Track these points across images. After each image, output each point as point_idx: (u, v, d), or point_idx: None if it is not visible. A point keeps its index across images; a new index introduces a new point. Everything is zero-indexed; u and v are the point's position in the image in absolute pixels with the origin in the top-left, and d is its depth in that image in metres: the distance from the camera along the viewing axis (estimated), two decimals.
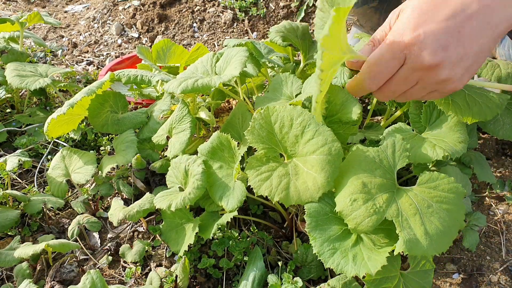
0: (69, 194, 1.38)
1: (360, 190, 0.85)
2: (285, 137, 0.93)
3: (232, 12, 2.34)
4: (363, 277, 0.84)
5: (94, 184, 1.37)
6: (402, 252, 0.80)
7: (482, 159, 1.23)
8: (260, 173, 0.92)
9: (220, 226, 1.01)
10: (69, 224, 1.20)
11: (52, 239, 1.15)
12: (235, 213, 0.99)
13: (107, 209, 1.31)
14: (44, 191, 1.37)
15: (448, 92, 0.79)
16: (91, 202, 1.31)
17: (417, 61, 0.70)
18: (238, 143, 1.14)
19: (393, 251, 0.81)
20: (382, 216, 0.82)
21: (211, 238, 1.00)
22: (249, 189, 1.07)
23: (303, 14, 2.24)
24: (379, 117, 1.45)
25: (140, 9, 2.43)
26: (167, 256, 1.14)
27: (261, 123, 0.94)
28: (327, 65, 0.73)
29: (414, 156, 0.98)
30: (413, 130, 1.10)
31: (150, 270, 1.12)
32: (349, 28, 2.19)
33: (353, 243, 0.86)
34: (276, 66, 1.42)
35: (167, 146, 1.22)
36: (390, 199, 0.85)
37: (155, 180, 1.33)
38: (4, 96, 1.65)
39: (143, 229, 1.24)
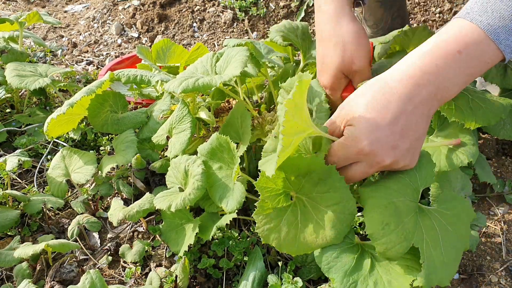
0: (69, 194, 1.38)
1: (392, 213, 0.79)
2: (300, 184, 0.87)
3: (232, 12, 2.34)
4: None
5: (94, 184, 1.37)
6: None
7: (483, 159, 1.23)
8: (269, 221, 0.86)
9: (219, 228, 1.00)
10: (69, 224, 1.20)
11: (52, 239, 1.15)
12: (234, 214, 0.98)
13: (107, 209, 1.31)
14: (44, 191, 1.37)
15: (406, 169, 0.87)
16: (91, 202, 1.31)
17: (373, 163, 0.82)
18: (237, 143, 1.14)
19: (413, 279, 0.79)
20: (410, 243, 0.78)
21: (210, 239, 1.00)
22: (249, 190, 1.07)
23: (303, 14, 2.24)
24: None
25: (140, 9, 2.43)
26: (167, 256, 1.14)
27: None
28: (289, 131, 0.73)
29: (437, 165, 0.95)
30: None
31: (150, 270, 1.12)
32: None
33: (369, 268, 0.83)
34: (276, 66, 1.41)
35: (167, 146, 1.22)
36: (415, 222, 0.81)
37: (155, 180, 1.33)
38: (4, 96, 1.65)
39: (143, 229, 1.23)
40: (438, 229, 0.81)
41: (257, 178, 0.87)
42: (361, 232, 1.10)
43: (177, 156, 1.12)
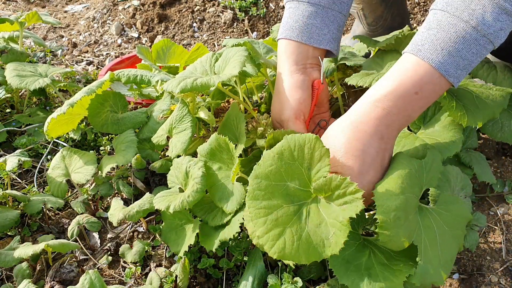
0: (69, 194, 1.38)
1: (404, 208, 0.78)
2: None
3: (232, 12, 2.33)
4: None
5: (94, 184, 1.37)
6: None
7: (482, 159, 1.23)
8: (270, 227, 0.79)
9: (222, 242, 0.98)
10: (69, 224, 1.20)
11: (52, 239, 1.15)
12: (238, 228, 0.96)
13: (107, 209, 1.31)
14: (44, 191, 1.37)
15: None
16: (91, 202, 1.31)
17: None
18: (236, 144, 1.14)
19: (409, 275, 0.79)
20: (411, 240, 0.78)
21: (214, 250, 0.98)
22: None
23: None
24: None
25: (140, 9, 2.43)
26: (167, 256, 1.14)
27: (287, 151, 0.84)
28: None
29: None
30: (408, 129, 1.10)
31: (150, 270, 1.12)
32: (349, 28, 2.19)
33: (366, 258, 0.84)
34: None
35: (167, 146, 1.22)
36: (417, 221, 0.81)
37: (155, 180, 1.33)
38: (4, 96, 1.65)
39: (143, 229, 1.24)
40: (436, 229, 0.82)
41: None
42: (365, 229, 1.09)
43: (179, 156, 1.12)
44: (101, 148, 1.48)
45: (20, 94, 1.77)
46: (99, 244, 1.22)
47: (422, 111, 0.92)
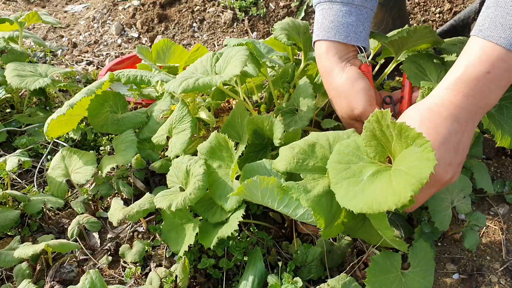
0: (69, 194, 1.37)
1: None
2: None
3: (232, 12, 2.33)
4: (364, 278, 0.82)
5: (94, 184, 1.37)
6: (404, 252, 0.79)
7: (483, 168, 1.23)
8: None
9: (220, 239, 0.98)
10: (69, 224, 1.20)
11: (52, 239, 1.15)
12: (236, 226, 0.97)
13: (107, 209, 1.31)
14: (44, 191, 1.37)
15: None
16: (91, 202, 1.31)
17: (434, 183, 0.88)
18: (237, 143, 1.14)
19: None
20: None
21: (212, 248, 0.99)
22: None
23: (303, 14, 2.24)
24: None
25: (140, 9, 2.43)
26: (167, 256, 1.14)
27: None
28: None
29: None
30: None
31: (150, 270, 1.12)
32: None
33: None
34: (276, 65, 1.41)
35: (167, 146, 1.22)
36: None
37: (155, 180, 1.33)
38: (4, 96, 1.65)
39: (143, 229, 1.23)
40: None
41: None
42: None
43: (178, 156, 1.12)
44: (101, 148, 1.48)
45: (20, 94, 1.77)
46: (99, 244, 1.22)
47: (502, 93, 0.91)
